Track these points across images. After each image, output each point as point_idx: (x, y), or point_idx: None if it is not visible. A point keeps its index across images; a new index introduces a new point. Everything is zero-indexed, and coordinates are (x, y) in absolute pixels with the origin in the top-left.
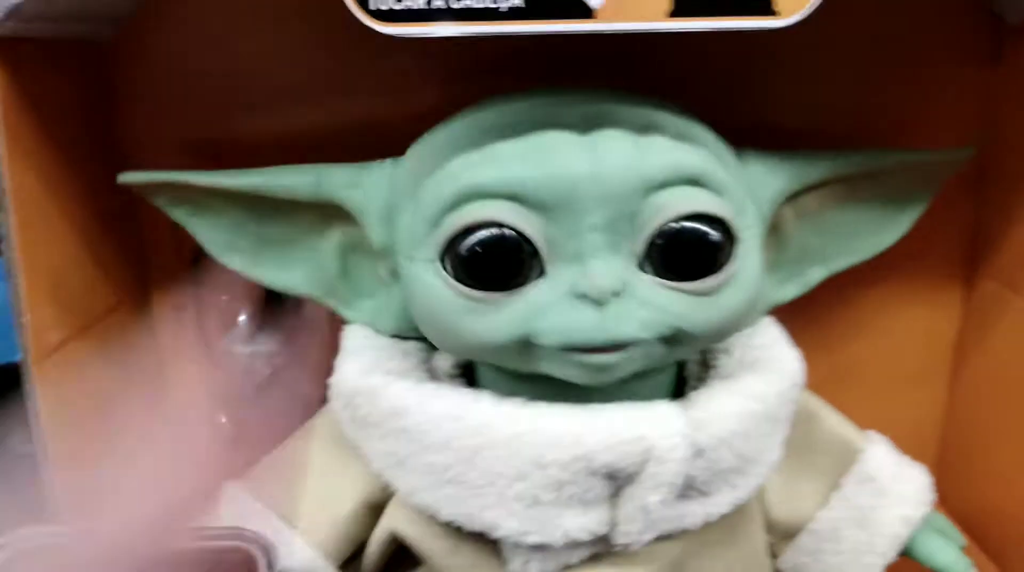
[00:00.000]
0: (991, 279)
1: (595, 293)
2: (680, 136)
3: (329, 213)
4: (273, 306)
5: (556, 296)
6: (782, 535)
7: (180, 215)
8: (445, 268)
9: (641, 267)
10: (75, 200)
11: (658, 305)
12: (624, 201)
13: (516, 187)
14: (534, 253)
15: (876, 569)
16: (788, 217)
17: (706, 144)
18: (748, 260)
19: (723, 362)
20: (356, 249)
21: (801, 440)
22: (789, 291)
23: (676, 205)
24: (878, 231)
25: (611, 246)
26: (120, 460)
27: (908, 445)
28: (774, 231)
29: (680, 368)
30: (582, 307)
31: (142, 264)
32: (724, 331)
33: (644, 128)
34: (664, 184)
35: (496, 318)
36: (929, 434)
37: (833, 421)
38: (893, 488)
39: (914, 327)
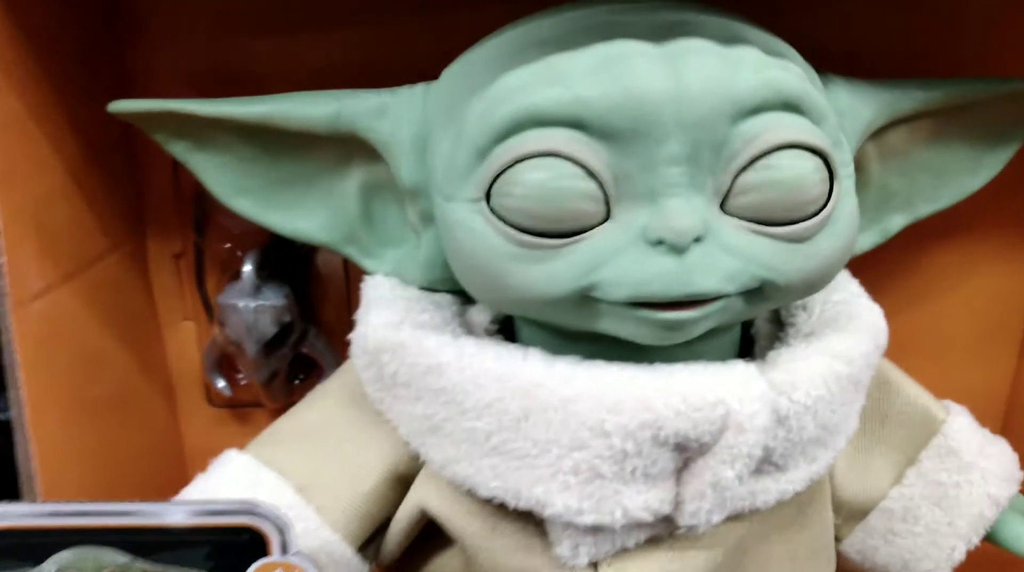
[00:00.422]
0: None
1: (673, 238)
2: (774, 51)
3: (351, 148)
4: (281, 255)
5: (625, 241)
6: (850, 515)
7: (180, 151)
8: (493, 209)
9: (726, 208)
10: (65, 130)
11: (745, 253)
12: (710, 128)
13: (582, 111)
14: (601, 193)
15: (958, 553)
16: (871, 155)
17: (797, 62)
18: (845, 201)
19: (801, 319)
20: (381, 190)
21: (874, 410)
22: (868, 239)
23: (771, 134)
24: (967, 172)
25: (692, 182)
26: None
27: (975, 414)
28: (856, 171)
29: (747, 323)
30: (656, 255)
31: (137, 205)
32: (815, 284)
33: (731, 40)
34: (758, 109)
35: (553, 267)
36: (998, 403)
37: (910, 389)
38: (978, 463)
39: (986, 287)
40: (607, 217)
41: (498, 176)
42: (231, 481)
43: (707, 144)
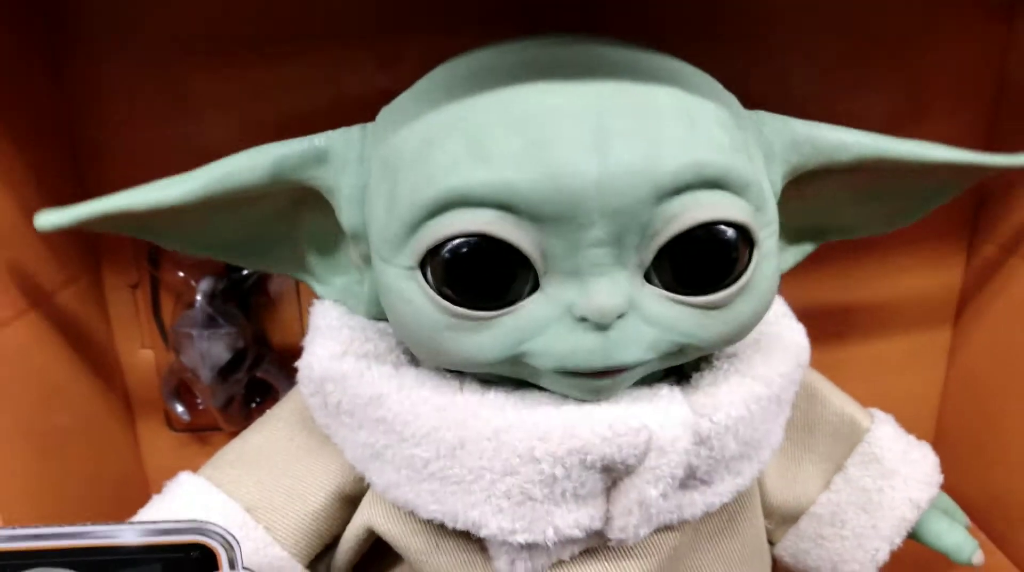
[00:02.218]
0: (992, 244)
1: (597, 317)
2: (698, 114)
3: (297, 196)
4: (234, 284)
5: (553, 316)
6: (781, 520)
7: (132, 233)
8: (426, 278)
9: (648, 278)
10: (16, 168)
11: (666, 322)
12: (633, 213)
13: (509, 195)
14: (528, 267)
15: (881, 554)
16: (791, 194)
17: (722, 106)
18: (765, 265)
19: None
20: (331, 227)
21: (802, 420)
22: (785, 261)
23: (692, 213)
24: (881, 222)
25: (616, 261)
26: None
27: (906, 421)
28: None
29: None
30: (581, 331)
31: (92, 238)
32: (733, 341)
33: (658, 110)
34: (680, 190)
35: (485, 337)
36: (928, 409)
37: (836, 399)
38: (900, 469)
39: (915, 294)
40: (536, 288)
41: (429, 251)
42: (184, 502)
43: (631, 227)
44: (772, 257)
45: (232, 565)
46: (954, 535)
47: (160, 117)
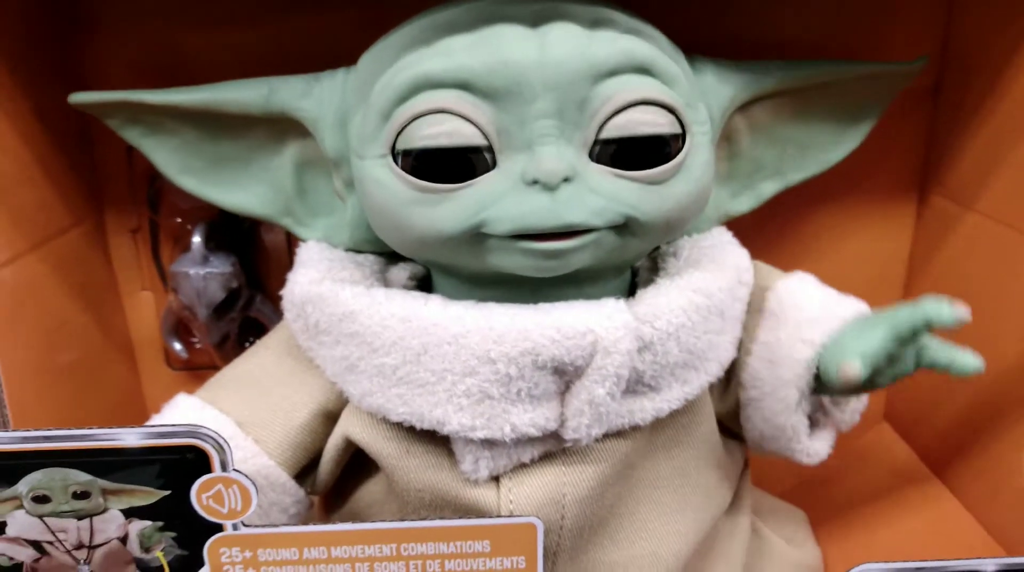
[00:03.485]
0: (941, 196)
1: (545, 177)
2: (631, 30)
3: (284, 127)
4: (228, 228)
5: (507, 185)
6: (733, 403)
7: (133, 136)
8: (396, 161)
9: (592, 156)
10: (28, 117)
11: (609, 193)
12: (572, 88)
13: (465, 74)
14: (486, 144)
15: (791, 398)
16: (741, 128)
17: (656, 41)
18: (698, 153)
19: (671, 263)
20: (312, 165)
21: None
22: (743, 203)
23: (626, 92)
24: (831, 144)
25: (561, 134)
26: None
27: None
28: (727, 142)
29: (634, 274)
30: (533, 193)
31: (95, 185)
32: (674, 222)
33: (595, 22)
34: (613, 71)
35: (447, 208)
36: None
37: (763, 273)
38: (792, 315)
39: (867, 245)
40: (493, 166)
41: (399, 134)
42: (180, 419)
43: (571, 102)
44: (705, 149)
45: (224, 467)
46: (879, 334)
47: (165, 84)
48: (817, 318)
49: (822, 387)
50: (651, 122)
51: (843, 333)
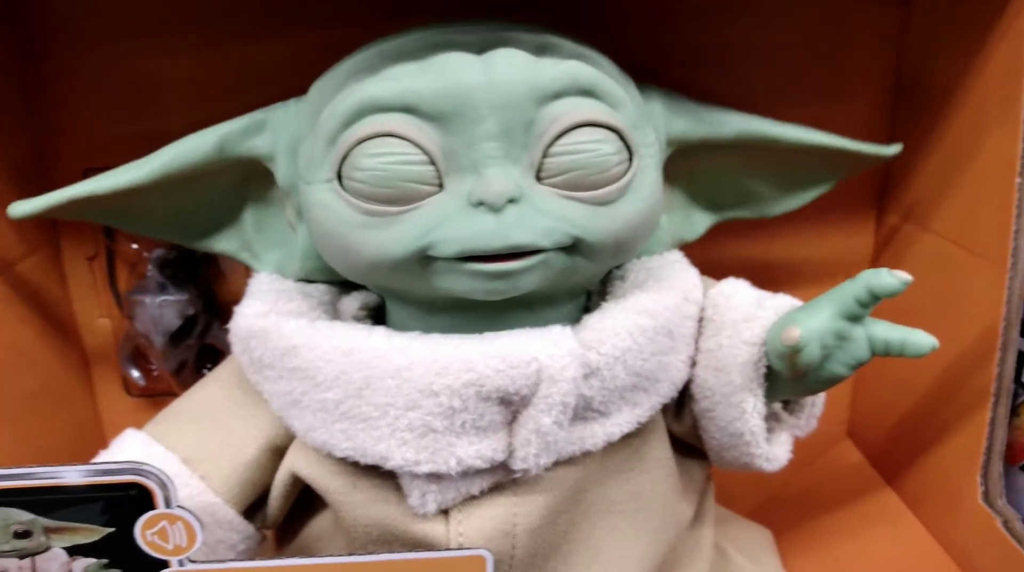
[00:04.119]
0: (898, 215)
1: (491, 198)
2: (576, 55)
3: (246, 168)
4: (186, 255)
5: (454, 207)
6: (691, 421)
7: (98, 219)
8: (343, 185)
9: (538, 178)
10: None
11: (556, 213)
12: (518, 109)
13: (411, 97)
14: (431, 166)
15: (747, 404)
16: (687, 164)
17: (602, 65)
18: (645, 174)
19: (617, 286)
20: (270, 200)
21: None
22: (695, 227)
23: (571, 114)
24: (772, 201)
25: (507, 156)
26: None
27: None
28: (670, 177)
29: (586, 300)
30: (479, 214)
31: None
32: (623, 242)
33: (540, 48)
34: (558, 94)
35: (393, 230)
36: None
37: (707, 285)
38: (727, 318)
39: (827, 266)
40: (440, 188)
41: (345, 158)
42: (127, 455)
43: (517, 124)
44: (653, 171)
45: (167, 503)
46: (823, 310)
47: (124, 107)
48: (754, 316)
49: (780, 385)
50: (596, 143)
51: (784, 317)
